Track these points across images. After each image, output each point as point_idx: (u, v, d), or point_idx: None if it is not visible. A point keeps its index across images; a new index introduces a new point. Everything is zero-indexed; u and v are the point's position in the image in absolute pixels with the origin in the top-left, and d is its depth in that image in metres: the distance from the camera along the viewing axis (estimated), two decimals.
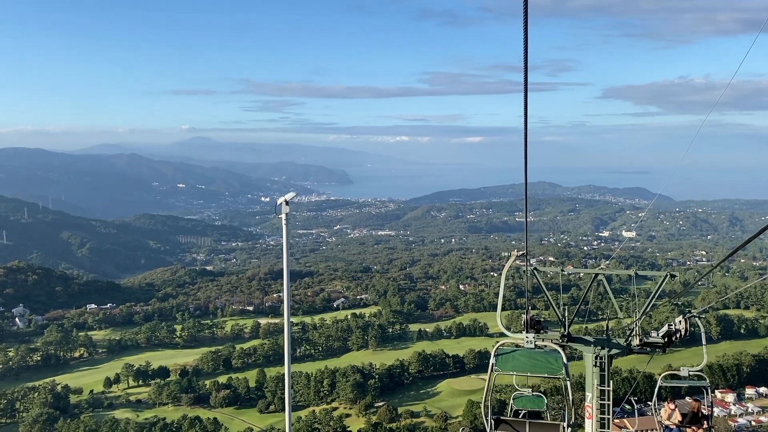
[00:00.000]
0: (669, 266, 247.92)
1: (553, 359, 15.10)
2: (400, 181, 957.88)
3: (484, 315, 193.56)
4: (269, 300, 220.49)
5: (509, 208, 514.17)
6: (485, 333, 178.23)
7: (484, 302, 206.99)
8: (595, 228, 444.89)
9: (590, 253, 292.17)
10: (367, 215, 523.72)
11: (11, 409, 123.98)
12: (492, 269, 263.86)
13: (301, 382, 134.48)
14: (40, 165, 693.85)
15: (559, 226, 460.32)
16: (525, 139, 11.13)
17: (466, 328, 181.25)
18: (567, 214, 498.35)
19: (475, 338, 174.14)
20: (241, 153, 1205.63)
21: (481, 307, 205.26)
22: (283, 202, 12.59)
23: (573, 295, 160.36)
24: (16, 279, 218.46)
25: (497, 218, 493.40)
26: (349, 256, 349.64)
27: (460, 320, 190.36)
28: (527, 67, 8.64)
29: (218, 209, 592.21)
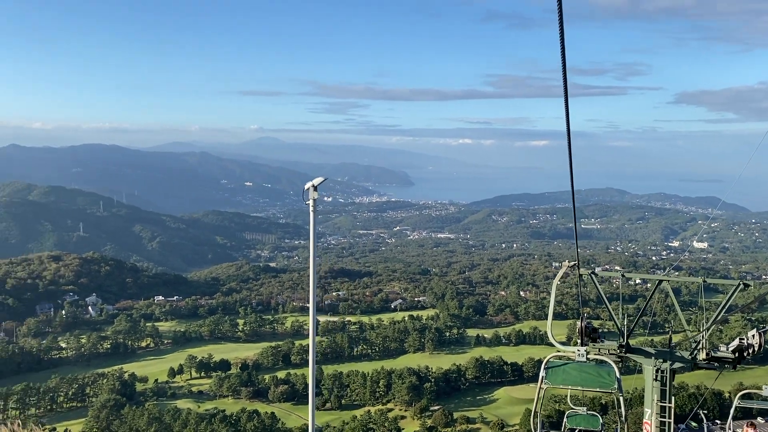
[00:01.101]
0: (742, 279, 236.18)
1: (605, 373, 14.52)
2: (461, 183, 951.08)
3: (545, 323, 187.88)
4: (329, 298, 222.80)
5: None
6: (545, 342, 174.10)
7: (545, 310, 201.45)
8: (664, 237, 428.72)
9: (659, 264, 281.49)
10: (427, 217, 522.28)
11: (82, 394, 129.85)
12: (555, 277, 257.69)
13: (357, 381, 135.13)
14: (115, 161, 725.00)
15: (626, 235, 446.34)
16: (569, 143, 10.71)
17: (525, 335, 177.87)
18: (635, 223, 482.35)
19: (534, 346, 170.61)
20: (306, 153, 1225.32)
21: (542, 315, 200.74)
22: (311, 187, 12.06)
23: (638, 305, 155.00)
24: (90, 269, 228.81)
25: (561, 224, 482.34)
26: (407, 257, 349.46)
27: (519, 327, 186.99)
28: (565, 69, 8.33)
29: (283, 207, 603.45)
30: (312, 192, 11.94)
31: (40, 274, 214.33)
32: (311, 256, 12.11)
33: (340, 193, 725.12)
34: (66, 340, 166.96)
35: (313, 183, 11.73)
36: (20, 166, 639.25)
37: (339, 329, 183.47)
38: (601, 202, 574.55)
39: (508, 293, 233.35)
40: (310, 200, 11.84)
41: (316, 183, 11.77)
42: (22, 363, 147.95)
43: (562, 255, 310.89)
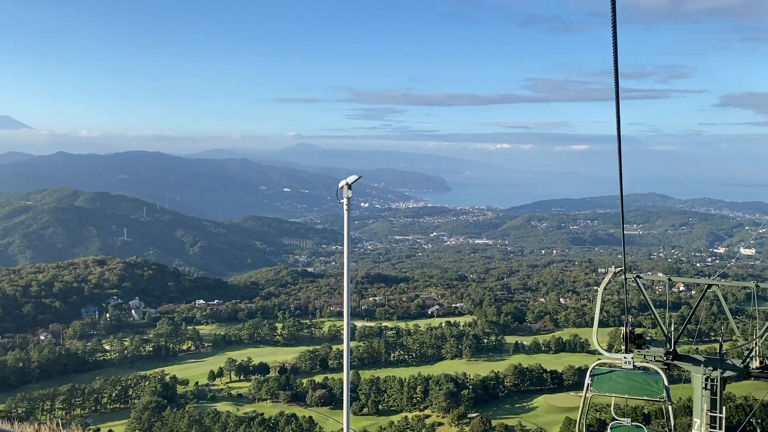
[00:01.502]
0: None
1: (653, 381, 14.07)
2: (499, 189, 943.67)
3: (585, 331, 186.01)
4: (365, 303, 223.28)
5: (616, 220, 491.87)
6: (586, 349, 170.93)
7: (585, 317, 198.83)
8: (709, 244, 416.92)
9: (703, 270, 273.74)
10: (465, 223, 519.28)
11: (125, 395, 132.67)
12: (596, 283, 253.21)
13: (394, 386, 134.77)
14: (158, 167, 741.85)
15: (669, 241, 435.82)
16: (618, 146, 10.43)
17: (565, 343, 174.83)
18: (679, 228, 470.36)
19: (575, 354, 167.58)
20: (343, 159, 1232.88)
21: (582, 322, 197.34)
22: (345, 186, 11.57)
23: (683, 313, 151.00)
24: (133, 273, 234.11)
25: (603, 230, 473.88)
26: (444, 263, 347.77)
27: (559, 335, 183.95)
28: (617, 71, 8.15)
29: (320, 213, 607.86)
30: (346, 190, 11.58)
31: (85, 278, 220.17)
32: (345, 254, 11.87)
33: (377, 199, 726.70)
34: (110, 342, 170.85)
35: (347, 181, 11.33)
36: (67, 173, 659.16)
37: (376, 334, 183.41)
38: (643, 207, 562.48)
39: (548, 300, 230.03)
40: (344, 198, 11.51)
41: (350, 181, 11.37)
42: (68, 364, 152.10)
43: (603, 261, 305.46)
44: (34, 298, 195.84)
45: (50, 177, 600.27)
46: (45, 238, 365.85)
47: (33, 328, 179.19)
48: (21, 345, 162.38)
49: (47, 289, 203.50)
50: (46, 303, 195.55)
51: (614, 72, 8.30)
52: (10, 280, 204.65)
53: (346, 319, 11.82)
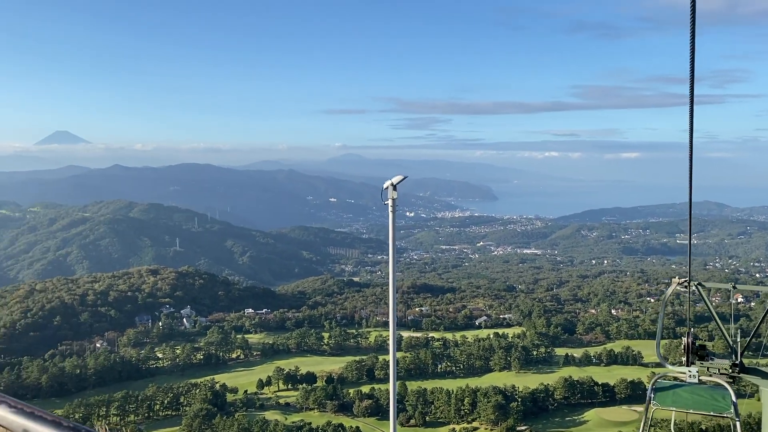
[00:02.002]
0: None
1: (719, 396, 13.40)
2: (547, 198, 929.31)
3: (638, 343, 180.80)
4: (411, 313, 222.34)
5: (669, 229, 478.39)
6: (639, 362, 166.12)
7: (638, 329, 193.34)
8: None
9: (763, 281, 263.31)
10: (512, 232, 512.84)
11: (176, 403, 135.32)
12: (649, 294, 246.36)
13: (441, 398, 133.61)
14: (209, 179, 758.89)
15: (726, 251, 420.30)
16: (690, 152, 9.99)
17: (617, 355, 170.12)
18: (736, 238, 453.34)
19: (627, 367, 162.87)
20: (388, 169, 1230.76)
21: (635, 334, 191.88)
22: (390, 186, 11.34)
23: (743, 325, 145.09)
24: (185, 283, 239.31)
25: (655, 240, 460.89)
26: (492, 273, 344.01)
27: (611, 347, 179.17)
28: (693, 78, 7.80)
29: (366, 223, 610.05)
30: (391, 191, 11.41)
31: (139, 287, 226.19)
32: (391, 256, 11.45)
33: (422, 208, 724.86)
34: (162, 350, 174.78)
35: (392, 181, 11.19)
36: (123, 185, 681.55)
37: (422, 345, 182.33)
38: (698, 216, 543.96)
39: (599, 311, 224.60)
40: (389, 200, 11.32)
41: (396, 181, 11.22)
42: (122, 371, 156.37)
43: (656, 272, 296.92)
44: (91, 307, 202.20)
45: (106, 189, 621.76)
46: (101, 248, 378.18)
47: (90, 336, 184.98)
48: (78, 352, 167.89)
49: (103, 298, 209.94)
50: (102, 311, 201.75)
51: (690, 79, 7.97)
52: (69, 290, 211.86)
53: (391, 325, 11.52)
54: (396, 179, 11.13)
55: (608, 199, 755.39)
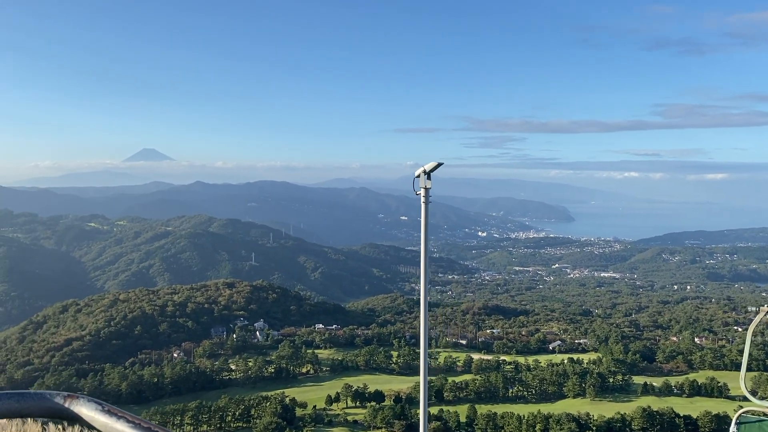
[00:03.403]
0: None
1: None
2: (627, 219, 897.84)
3: (723, 374, 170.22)
4: (482, 335, 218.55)
5: (759, 255, 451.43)
6: (725, 395, 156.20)
7: (724, 359, 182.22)
8: None
9: None
10: (589, 255, 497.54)
11: (247, 415, 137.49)
12: (736, 323, 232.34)
13: (512, 423, 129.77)
14: (285, 196, 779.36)
15: None
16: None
17: (701, 386, 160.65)
18: None
19: (711, 399, 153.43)
20: (460, 188, 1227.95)
21: (720, 364, 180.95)
22: (422, 173, 10.13)
23: None
24: (259, 296, 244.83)
25: (743, 265, 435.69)
26: (567, 297, 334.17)
27: (694, 377, 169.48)
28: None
29: (436, 242, 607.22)
30: (423, 178, 10.26)
31: (215, 300, 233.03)
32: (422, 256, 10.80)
33: (495, 228, 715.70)
34: (235, 362, 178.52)
35: (425, 168, 10.07)
36: (203, 201, 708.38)
37: (493, 368, 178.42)
38: None
39: (681, 339, 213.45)
40: (422, 189, 10.25)
41: (428, 168, 10.08)
42: (197, 382, 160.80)
43: (744, 299, 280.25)
44: (170, 318, 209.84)
45: (188, 204, 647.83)
46: (181, 261, 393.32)
47: (168, 346, 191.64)
48: (156, 361, 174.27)
49: (181, 309, 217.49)
50: (180, 322, 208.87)
51: None
52: (149, 300, 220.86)
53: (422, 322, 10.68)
54: (429, 166, 10.03)
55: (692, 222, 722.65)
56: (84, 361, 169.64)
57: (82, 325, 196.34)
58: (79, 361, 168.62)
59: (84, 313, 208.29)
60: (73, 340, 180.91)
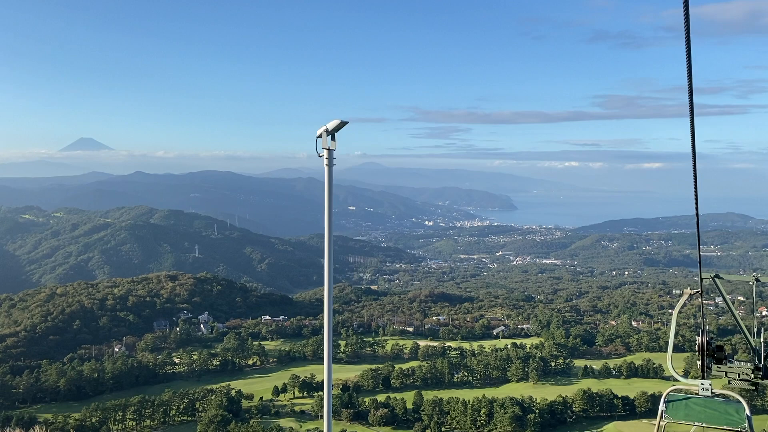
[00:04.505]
0: None
1: (733, 410, 12.80)
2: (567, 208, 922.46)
3: (659, 355, 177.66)
4: (429, 322, 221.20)
5: (692, 241, 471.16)
6: (660, 375, 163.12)
7: (659, 341, 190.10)
8: None
9: None
10: (531, 242, 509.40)
11: (192, 408, 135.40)
12: (670, 306, 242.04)
13: (457, 408, 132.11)
14: (229, 186, 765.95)
15: (751, 263, 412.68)
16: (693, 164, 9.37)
17: (638, 368, 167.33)
18: (761, 250, 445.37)
19: (648, 380, 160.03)
20: (408, 178, 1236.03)
21: (656, 346, 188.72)
22: (324, 133, 9.00)
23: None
24: (203, 289, 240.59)
25: (677, 251, 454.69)
26: (510, 283, 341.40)
27: (631, 359, 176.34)
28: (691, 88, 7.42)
29: (384, 231, 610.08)
30: (325, 138, 9.11)
31: (158, 293, 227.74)
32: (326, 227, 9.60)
33: (441, 217, 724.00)
34: (179, 355, 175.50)
35: (327, 127, 8.96)
36: (144, 192, 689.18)
37: (439, 354, 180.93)
38: (721, 227, 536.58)
39: (619, 323, 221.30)
40: (325, 151, 9.11)
41: (331, 127, 8.96)
42: (139, 376, 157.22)
43: (678, 283, 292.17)
44: (110, 312, 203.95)
45: (128, 195, 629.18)
46: (122, 253, 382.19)
47: (108, 340, 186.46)
48: (97, 356, 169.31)
49: (122, 303, 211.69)
50: (121, 316, 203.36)
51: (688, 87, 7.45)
52: (89, 294, 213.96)
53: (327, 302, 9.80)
54: (332, 124, 9.03)
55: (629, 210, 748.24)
56: (19, 358, 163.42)
57: (17, 321, 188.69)
58: (14, 358, 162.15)
59: (19, 309, 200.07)
60: (7, 336, 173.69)
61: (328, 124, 8.94)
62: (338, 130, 9.03)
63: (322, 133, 9.04)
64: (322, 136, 9.03)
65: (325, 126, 8.94)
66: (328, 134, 8.98)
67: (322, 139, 9.07)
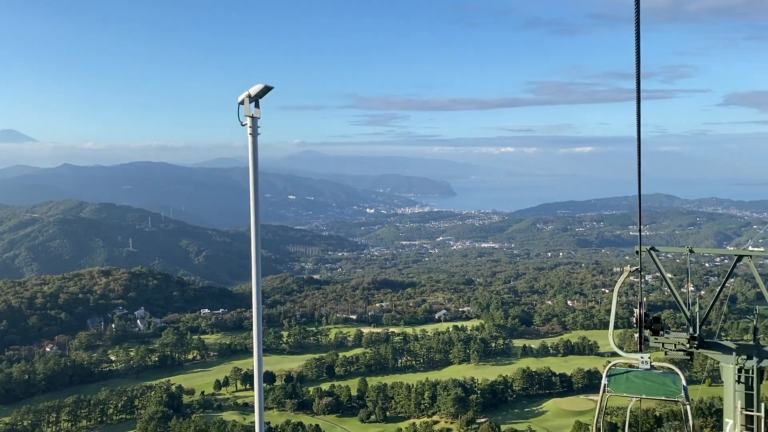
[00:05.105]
0: None
1: (670, 381, 13.41)
2: (504, 192, 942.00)
3: (594, 333, 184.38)
4: (372, 309, 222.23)
5: (622, 221, 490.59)
6: (595, 352, 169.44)
7: (594, 319, 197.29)
8: (717, 243, 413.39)
9: (712, 270, 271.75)
10: (471, 227, 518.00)
11: (131, 406, 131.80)
12: (603, 285, 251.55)
13: (401, 392, 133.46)
14: (163, 178, 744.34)
15: (677, 241, 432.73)
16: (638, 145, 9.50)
17: (574, 345, 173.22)
18: (686, 228, 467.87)
19: (584, 357, 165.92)
20: (348, 165, 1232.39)
21: (590, 324, 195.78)
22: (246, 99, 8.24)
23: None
24: (138, 283, 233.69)
25: (609, 232, 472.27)
26: (451, 267, 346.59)
27: (567, 337, 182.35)
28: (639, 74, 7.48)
29: (326, 220, 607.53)
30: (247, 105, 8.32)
31: (91, 289, 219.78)
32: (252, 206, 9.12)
33: (382, 204, 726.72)
34: (116, 353, 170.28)
35: (250, 92, 8.17)
36: (73, 185, 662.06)
37: (383, 340, 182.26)
38: (650, 208, 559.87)
39: (555, 302, 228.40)
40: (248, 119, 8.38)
41: (254, 92, 8.17)
42: (73, 376, 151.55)
43: (610, 263, 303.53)
44: (40, 310, 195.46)
45: (56, 189, 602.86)
46: (51, 250, 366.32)
47: (38, 340, 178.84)
48: (26, 357, 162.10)
49: (53, 301, 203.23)
50: (52, 314, 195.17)
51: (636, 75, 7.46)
52: (16, 293, 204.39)
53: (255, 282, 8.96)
54: (255, 89, 8.18)
55: (563, 193, 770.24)
56: None
57: None
58: None
59: None
60: None
61: (251, 89, 8.19)
62: (262, 96, 8.29)
63: (244, 99, 8.23)
64: (245, 102, 8.23)
65: (247, 91, 8.15)
66: (252, 100, 8.24)
67: (245, 105, 8.28)
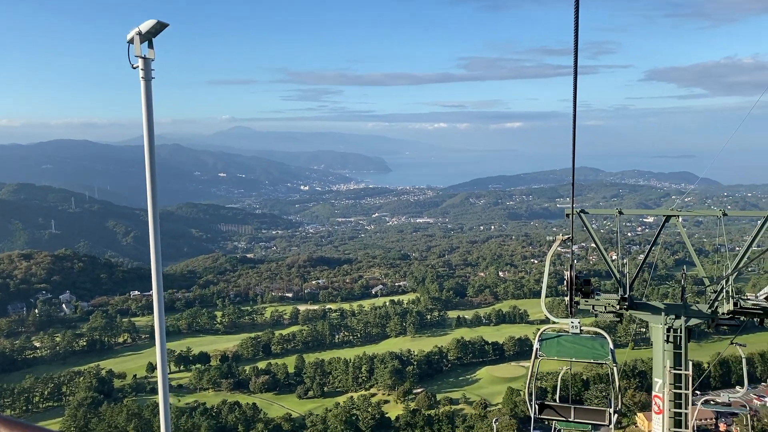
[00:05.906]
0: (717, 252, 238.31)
1: (598, 344, 14.01)
2: (438, 168, 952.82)
3: (524, 302, 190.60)
4: (308, 287, 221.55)
5: (550, 195, 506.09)
6: (525, 320, 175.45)
7: (524, 289, 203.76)
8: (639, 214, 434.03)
9: (634, 239, 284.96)
10: (406, 203, 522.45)
11: (58, 393, 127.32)
12: (532, 256, 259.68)
13: (339, 368, 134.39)
14: (86, 156, 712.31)
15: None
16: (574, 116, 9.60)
17: (505, 315, 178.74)
18: (610, 200, 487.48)
19: (515, 325, 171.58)
20: (281, 142, 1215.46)
21: (521, 294, 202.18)
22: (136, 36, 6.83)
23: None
24: (63, 267, 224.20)
25: (537, 205, 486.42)
26: (387, 243, 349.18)
27: (499, 307, 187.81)
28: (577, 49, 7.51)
29: (258, 198, 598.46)
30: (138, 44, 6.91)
31: (10, 274, 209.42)
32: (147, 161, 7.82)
33: (317, 181, 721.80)
34: (40, 339, 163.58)
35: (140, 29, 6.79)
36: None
37: (320, 317, 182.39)
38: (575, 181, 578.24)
39: (487, 274, 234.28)
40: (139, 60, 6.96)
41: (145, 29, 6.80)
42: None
43: (539, 235, 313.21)
44: None
45: None
46: None
47: None
48: None
49: None
50: None
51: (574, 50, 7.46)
52: None
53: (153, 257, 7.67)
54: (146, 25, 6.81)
55: (494, 168, 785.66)
56: None
57: None
58: None
59: None
60: None
61: (142, 25, 6.82)
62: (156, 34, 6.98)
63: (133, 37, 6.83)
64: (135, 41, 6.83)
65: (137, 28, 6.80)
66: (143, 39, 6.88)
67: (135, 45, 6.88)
